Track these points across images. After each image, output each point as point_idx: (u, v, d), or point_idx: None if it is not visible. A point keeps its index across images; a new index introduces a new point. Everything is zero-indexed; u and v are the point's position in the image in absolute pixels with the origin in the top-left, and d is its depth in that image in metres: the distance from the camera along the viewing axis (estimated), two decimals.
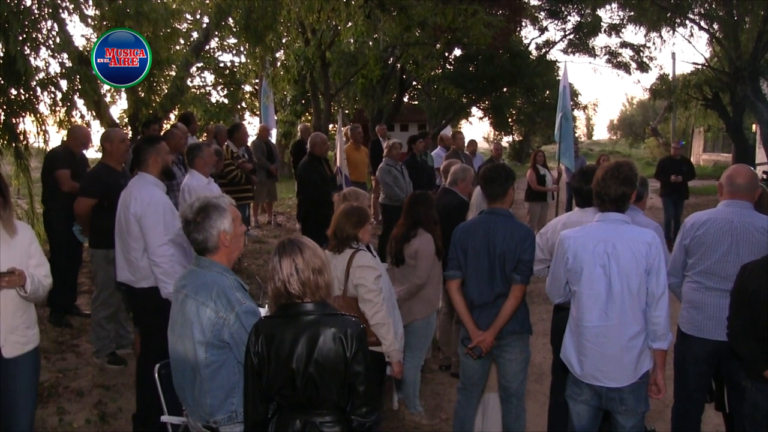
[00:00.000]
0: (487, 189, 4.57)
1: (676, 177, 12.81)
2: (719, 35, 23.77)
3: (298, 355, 2.84)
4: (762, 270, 3.64)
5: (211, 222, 3.19)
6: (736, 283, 3.74)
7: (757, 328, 3.60)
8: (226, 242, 3.23)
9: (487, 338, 4.40)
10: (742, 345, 3.70)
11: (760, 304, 3.57)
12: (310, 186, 9.00)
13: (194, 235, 3.21)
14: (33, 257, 3.88)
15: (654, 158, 47.51)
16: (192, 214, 3.20)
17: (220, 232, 3.20)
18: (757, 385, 3.64)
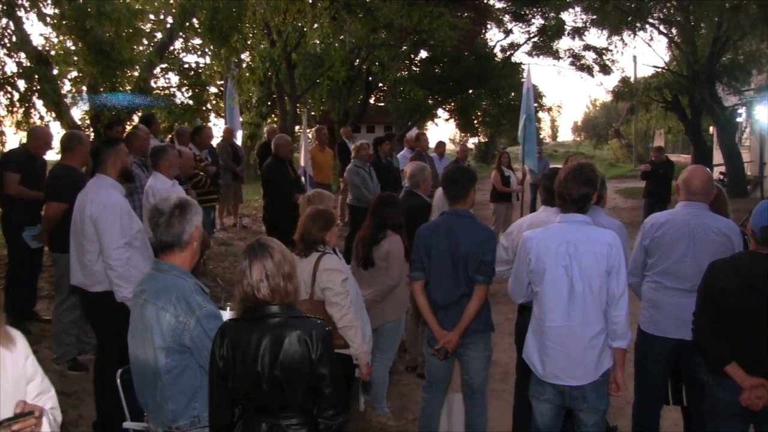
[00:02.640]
0: (449, 191, 4.60)
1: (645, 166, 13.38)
2: (678, 40, 24.18)
3: (263, 357, 2.83)
4: (728, 268, 3.70)
5: (189, 216, 3.21)
6: (703, 281, 3.81)
7: (721, 326, 3.67)
8: (196, 240, 3.24)
9: (453, 338, 4.43)
10: (706, 341, 3.77)
11: (726, 302, 3.64)
12: (275, 188, 8.97)
13: (169, 230, 3.19)
14: (33, 380, 2.52)
15: (617, 159, 48.25)
16: (168, 208, 3.19)
17: (195, 227, 3.22)
18: (719, 380, 3.71)
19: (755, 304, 3.55)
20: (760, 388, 3.53)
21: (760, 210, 3.70)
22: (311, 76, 21.20)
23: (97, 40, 9.70)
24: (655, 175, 13.28)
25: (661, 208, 11.65)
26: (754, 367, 3.56)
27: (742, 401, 3.56)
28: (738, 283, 3.60)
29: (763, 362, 3.55)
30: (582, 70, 30.66)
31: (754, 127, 21.97)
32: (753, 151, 23.18)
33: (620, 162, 46.39)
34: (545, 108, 47.07)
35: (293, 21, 15.33)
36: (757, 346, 3.57)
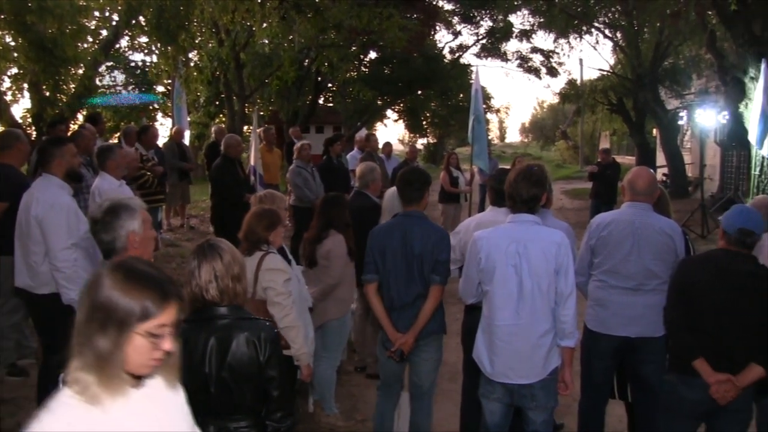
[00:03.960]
0: (404, 193, 4.61)
1: (592, 167, 13.72)
2: (622, 44, 24.73)
3: (210, 359, 2.80)
4: (700, 265, 3.83)
5: (120, 222, 3.11)
6: (675, 276, 3.91)
7: (690, 320, 3.77)
8: (135, 244, 3.14)
9: (409, 340, 4.43)
10: (677, 336, 3.86)
11: (696, 298, 3.74)
12: (224, 188, 8.89)
13: (101, 236, 3.12)
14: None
15: (564, 160, 49.03)
16: (100, 213, 3.11)
17: (129, 232, 3.11)
18: (683, 377, 3.79)
19: (725, 301, 3.65)
20: (727, 383, 3.63)
21: (735, 212, 3.82)
22: (260, 76, 21.04)
23: (38, 36, 9.47)
24: (601, 176, 13.54)
25: (607, 208, 11.85)
26: (720, 363, 3.65)
27: (712, 394, 3.64)
28: (709, 279, 3.70)
29: (730, 358, 3.65)
30: (529, 72, 31.08)
31: (695, 131, 22.53)
32: (694, 153, 23.79)
33: (567, 163, 47.14)
34: (494, 109, 47.60)
35: (242, 20, 15.18)
36: (725, 342, 3.67)
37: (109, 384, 1.78)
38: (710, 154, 21.75)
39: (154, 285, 1.84)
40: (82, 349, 1.78)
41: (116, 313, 1.77)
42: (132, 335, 1.78)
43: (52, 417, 1.78)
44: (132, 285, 1.80)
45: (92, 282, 1.84)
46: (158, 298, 1.82)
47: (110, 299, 1.78)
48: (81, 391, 1.77)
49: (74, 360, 1.79)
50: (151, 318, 1.80)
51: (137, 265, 1.88)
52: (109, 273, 1.82)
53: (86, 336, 1.78)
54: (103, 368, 1.77)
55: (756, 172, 12.16)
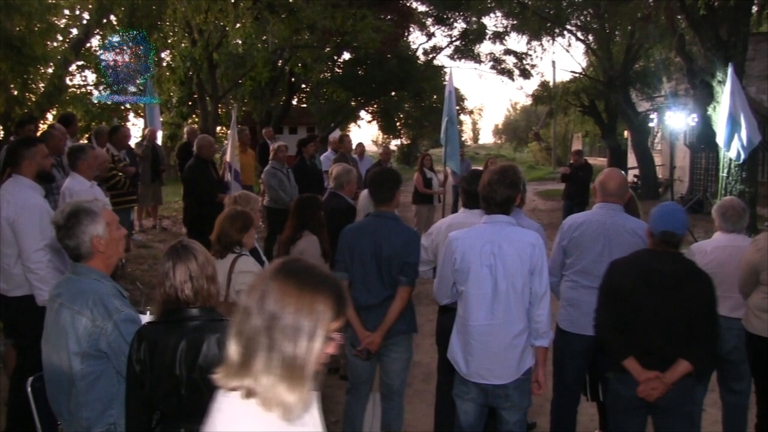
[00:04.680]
0: (375, 193, 4.63)
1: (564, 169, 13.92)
2: (594, 46, 24.96)
3: (181, 361, 2.78)
4: (628, 267, 3.87)
5: (83, 227, 3.06)
6: (604, 279, 3.96)
7: (620, 321, 3.84)
8: (101, 248, 3.10)
9: (376, 339, 4.45)
10: (606, 336, 3.93)
11: (624, 299, 3.81)
12: (197, 189, 8.83)
13: (66, 242, 3.08)
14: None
15: (537, 162, 49.39)
16: (63, 219, 3.06)
17: (92, 237, 3.07)
18: (618, 375, 3.87)
19: (651, 301, 3.72)
20: (655, 380, 3.70)
21: (659, 213, 3.89)
22: (233, 77, 20.95)
23: (6, 34, 9.33)
24: (574, 177, 13.66)
25: (579, 209, 12.00)
26: (649, 361, 3.73)
27: (639, 393, 3.74)
28: (635, 280, 3.78)
29: (658, 356, 3.73)
30: (503, 74, 31.21)
31: (665, 133, 22.82)
32: (664, 155, 24.09)
33: (540, 164, 47.50)
34: (467, 111, 47.76)
35: (215, 20, 15.12)
36: (652, 341, 3.75)
37: (299, 391, 1.77)
38: (680, 156, 22.04)
39: (332, 287, 1.84)
40: (264, 354, 1.76)
41: (303, 319, 1.77)
42: (317, 339, 1.78)
43: (238, 426, 1.79)
44: (313, 290, 1.80)
45: (263, 289, 1.81)
46: (337, 300, 1.83)
47: (295, 306, 1.77)
48: (268, 399, 1.77)
49: (253, 366, 1.77)
50: (334, 321, 1.82)
51: (310, 269, 1.87)
52: (283, 279, 1.81)
53: (269, 342, 1.76)
54: (293, 375, 1.76)
55: (724, 174, 12.34)
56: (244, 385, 1.78)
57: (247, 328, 1.78)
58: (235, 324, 1.82)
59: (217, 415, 1.84)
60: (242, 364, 1.78)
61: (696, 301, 3.71)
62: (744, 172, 12.01)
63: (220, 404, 1.86)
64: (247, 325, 1.78)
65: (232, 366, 1.80)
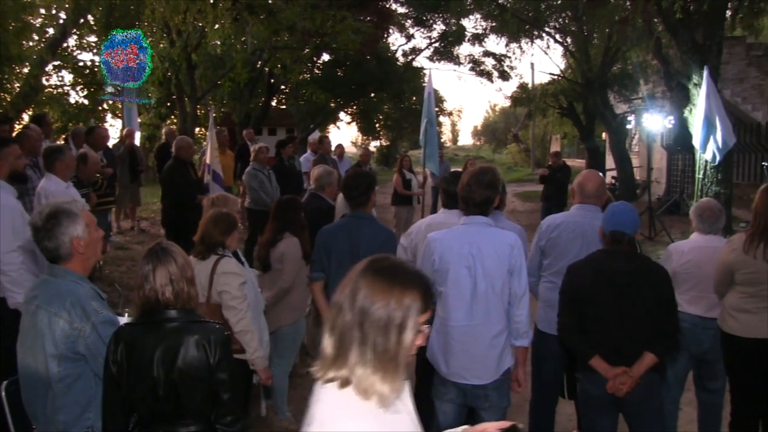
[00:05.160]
0: (349, 198, 4.64)
1: (543, 170, 14.12)
2: (572, 48, 25.12)
3: (159, 363, 2.77)
4: (585, 268, 3.94)
5: (62, 229, 3.03)
6: (564, 283, 4.02)
7: (582, 323, 3.89)
8: (80, 249, 3.08)
9: None
10: (571, 339, 3.99)
11: (584, 300, 3.86)
12: (176, 190, 8.78)
13: (45, 243, 3.04)
14: None
15: (515, 163, 49.59)
16: (41, 220, 3.03)
17: (72, 238, 3.04)
18: (587, 375, 3.92)
19: (610, 299, 3.78)
20: (623, 376, 3.76)
21: (609, 213, 3.96)
22: (212, 78, 20.83)
23: None
24: (552, 179, 13.74)
25: (557, 210, 12.04)
26: (615, 358, 3.79)
27: (608, 389, 3.80)
28: (593, 280, 3.84)
29: (622, 352, 3.79)
30: (482, 75, 31.28)
31: (643, 134, 23.03)
32: (641, 156, 24.28)
33: (518, 166, 47.67)
34: (446, 112, 47.87)
35: (194, 21, 15.03)
36: (615, 338, 3.80)
37: (392, 380, 1.86)
38: (657, 157, 22.24)
39: (419, 282, 1.93)
40: (358, 347, 1.85)
41: (392, 313, 1.85)
42: (409, 332, 1.87)
43: (345, 418, 1.85)
44: (402, 285, 1.88)
45: (354, 287, 1.89)
46: (425, 293, 1.91)
47: (384, 301, 1.85)
48: (364, 389, 1.85)
49: (347, 358, 1.86)
50: (422, 314, 1.90)
51: (398, 265, 1.97)
52: (372, 276, 1.90)
53: (362, 335, 1.84)
54: (386, 366, 1.85)
55: (700, 176, 12.47)
56: (339, 375, 1.87)
57: (340, 323, 1.87)
58: (329, 320, 1.92)
59: (317, 406, 1.92)
60: (337, 356, 1.88)
61: (654, 295, 3.79)
62: (719, 174, 12.13)
63: (318, 395, 1.93)
64: (340, 321, 1.87)
65: (327, 359, 1.90)
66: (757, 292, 4.31)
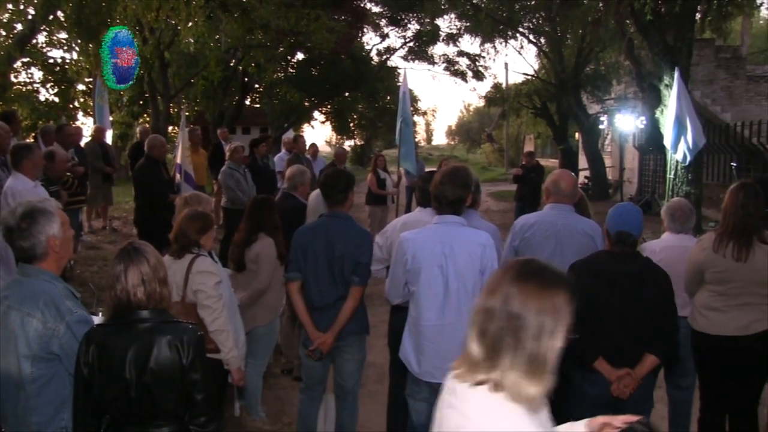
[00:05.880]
0: (327, 195, 4.63)
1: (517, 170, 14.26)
2: (546, 49, 25.33)
3: (131, 364, 2.74)
4: (587, 269, 3.95)
5: (39, 227, 2.98)
6: None
7: (584, 324, 3.89)
8: (56, 248, 3.04)
9: (328, 339, 4.45)
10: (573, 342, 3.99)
11: (586, 301, 3.86)
12: (148, 189, 8.71)
13: (20, 243, 2.99)
14: None
15: (489, 163, 49.83)
16: (16, 220, 2.98)
17: (48, 237, 3.00)
18: (586, 375, 3.93)
19: (611, 300, 3.79)
20: (626, 378, 3.80)
21: (615, 214, 3.98)
22: (185, 76, 20.69)
23: None
24: (526, 178, 13.81)
25: (531, 210, 12.11)
26: (617, 360, 3.81)
27: (612, 391, 3.81)
28: (596, 281, 3.84)
29: (623, 354, 3.81)
30: (456, 75, 31.43)
31: (615, 135, 23.27)
32: (614, 156, 24.54)
33: (492, 166, 47.92)
34: (420, 112, 47.95)
35: (166, 18, 14.90)
36: (617, 339, 3.82)
37: (542, 384, 1.88)
38: (629, 157, 22.48)
39: (567, 285, 1.97)
40: (511, 352, 1.87)
41: (545, 318, 1.88)
42: (558, 336, 1.91)
43: (506, 421, 1.86)
44: (553, 290, 1.92)
45: (506, 292, 1.91)
46: (571, 296, 1.95)
47: (537, 307, 1.88)
48: (516, 392, 1.86)
49: (499, 362, 1.88)
50: (569, 317, 1.94)
51: (546, 269, 1.99)
52: (524, 282, 1.92)
53: (515, 341, 1.86)
54: (536, 370, 1.87)
55: (671, 176, 12.61)
56: (491, 378, 1.89)
57: (493, 328, 1.89)
58: (477, 323, 1.94)
59: (466, 405, 1.93)
60: (488, 360, 1.90)
61: (655, 298, 3.81)
62: (690, 174, 12.28)
63: (465, 395, 1.95)
64: (492, 326, 1.89)
65: (475, 361, 1.93)
66: (726, 290, 4.37)
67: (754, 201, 4.34)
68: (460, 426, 1.93)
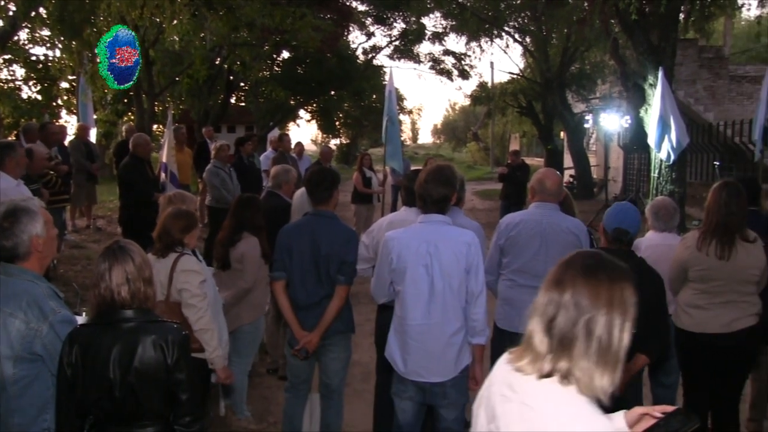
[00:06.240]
0: (313, 193, 4.62)
1: (502, 169, 14.28)
2: (531, 48, 25.42)
3: (116, 364, 2.73)
4: None
5: (22, 227, 2.96)
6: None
7: None
8: (39, 247, 3.01)
9: (313, 339, 4.45)
10: None
11: None
12: (133, 188, 8.67)
13: (2, 242, 2.96)
14: None
15: (475, 162, 49.93)
16: None
17: (32, 237, 2.97)
18: None
19: None
20: None
21: (613, 212, 4.01)
22: (170, 74, 20.59)
23: None
24: (511, 177, 13.85)
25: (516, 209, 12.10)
26: None
27: None
28: None
29: None
30: (442, 74, 31.40)
31: (600, 134, 23.37)
32: (599, 155, 24.64)
33: (478, 164, 48.02)
34: (406, 111, 47.97)
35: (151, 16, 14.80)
36: None
37: (610, 374, 1.88)
38: (614, 156, 22.60)
39: (631, 277, 1.97)
40: (581, 345, 1.87)
41: (614, 311, 1.89)
42: (627, 329, 1.92)
43: (582, 415, 1.86)
44: (621, 283, 1.92)
45: (574, 287, 1.92)
46: (635, 289, 1.95)
47: (607, 300, 1.88)
48: (586, 384, 1.87)
49: (569, 354, 1.88)
50: (635, 310, 1.94)
51: (611, 262, 1.99)
52: (591, 276, 1.92)
53: (586, 334, 1.86)
54: (607, 361, 1.88)
55: (655, 175, 12.69)
56: (559, 368, 1.88)
57: (561, 321, 1.89)
58: (543, 315, 1.94)
59: (532, 399, 1.92)
60: (556, 352, 1.89)
61: (650, 298, 3.81)
62: (674, 173, 12.37)
63: (530, 388, 1.93)
64: (560, 318, 1.89)
65: (540, 354, 1.91)
66: (710, 288, 4.40)
67: (737, 200, 4.38)
68: (527, 420, 1.92)
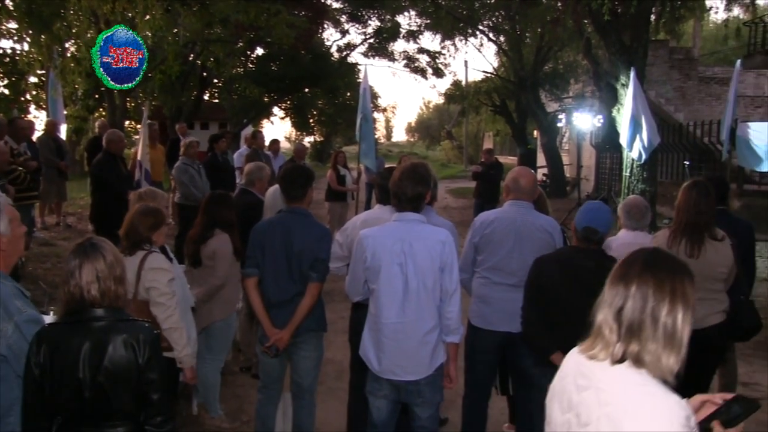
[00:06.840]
0: (286, 191, 4.60)
1: (476, 167, 14.36)
2: (505, 47, 25.55)
3: (85, 363, 2.68)
4: (552, 263, 3.99)
5: None
6: (530, 276, 4.06)
7: (546, 317, 3.93)
8: (3, 245, 2.95)
9: (284, 336, 4.43)
10: (534, 333, 4.03)
11: (550, 295, 3.91)
12: (106, 185, 8.58)
13: None
14: None
15: (449, 160, 50.07)
16: None
17: None
18: (543, 370, 3.96)
19: (576, 296, 3.83)
20: None
21: (584, 211, 4.03)
22: None
23: None
24: (485, 175, 13.90)
25: (490, 207, 12.14)
26: None
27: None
28: (561, 276, 3.89)
29: None
30: (416, 72, 31.44)
31: (572, 133, 23.56)
32: (572, 154, 24.85)
33: (452, 163, 48.18)
34: (380, 108, 47.94)
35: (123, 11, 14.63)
36: (579, 335, 3.85)
37: (675, 355, 2.02)
38: (586, 155, 22.78)
39: (689, 269, 2.12)
40: (649, 333, 2.02)
41: (677, 302, 2.02)
42: (688, 318, 2.04)
43: (663, 394, 1.99)
44: (681, 276, 2.07)
45: (640, 283, 2.07)
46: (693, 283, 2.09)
47: (671, 293, 2.03)
48: (655, 364, 2.02)
49: (638, 340, 2.03)
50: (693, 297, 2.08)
51: (670, 257, 2.18)
52: (655, 271, 2.07)
53: (652, 323, 2.02)
54: (673, 345, 2.02)
55: (627, 174, 12.81)
56: (630, 351, 2.04)
57: (628, 311, 2.06)
58: (611, 307, 2.14)
59: (607, 385, 2.08)
60: (626, 338, 2.05)
61: None
62: (645, 172, 12.49)
63: (605, 375, 2.10)
64: (628, 309, 2.06)
65: (610, 342, 2.10)
66: None
67: (706, 199, 4.44)
68: (604, 403, 2.05)
